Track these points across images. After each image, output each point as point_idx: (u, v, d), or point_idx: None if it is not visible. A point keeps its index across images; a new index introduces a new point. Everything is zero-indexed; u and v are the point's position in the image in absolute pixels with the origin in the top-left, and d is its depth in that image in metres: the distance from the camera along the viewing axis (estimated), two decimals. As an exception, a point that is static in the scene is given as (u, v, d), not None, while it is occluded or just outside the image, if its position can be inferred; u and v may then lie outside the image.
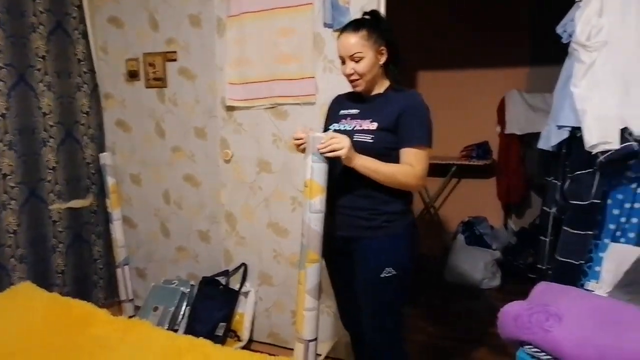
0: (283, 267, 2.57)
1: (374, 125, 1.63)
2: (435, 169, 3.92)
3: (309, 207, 1.61)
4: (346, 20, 2.09)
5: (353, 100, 1.76)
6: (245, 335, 2.61)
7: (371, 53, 1.61)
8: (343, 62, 1.67)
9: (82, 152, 2.93)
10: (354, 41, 1.60)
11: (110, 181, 2.91)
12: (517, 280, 3.36)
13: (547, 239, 2.06)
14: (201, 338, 1.87)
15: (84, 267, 3.01)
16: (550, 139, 1.92)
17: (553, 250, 2.01)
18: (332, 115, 1.80)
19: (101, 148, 3.02)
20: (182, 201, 2.86)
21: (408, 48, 3.86)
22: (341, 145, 1.52)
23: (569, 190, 1.87)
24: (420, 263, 3.95)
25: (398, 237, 1.67)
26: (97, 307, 2.08)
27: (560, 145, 1.91)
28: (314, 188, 1.59)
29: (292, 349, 2.56)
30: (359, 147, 1.60)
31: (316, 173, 1.58)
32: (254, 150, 2.53)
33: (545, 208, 2.07)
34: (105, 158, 2.91)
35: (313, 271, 1.68)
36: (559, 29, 1.88)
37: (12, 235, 2.55)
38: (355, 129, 1.66)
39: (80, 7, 2.82)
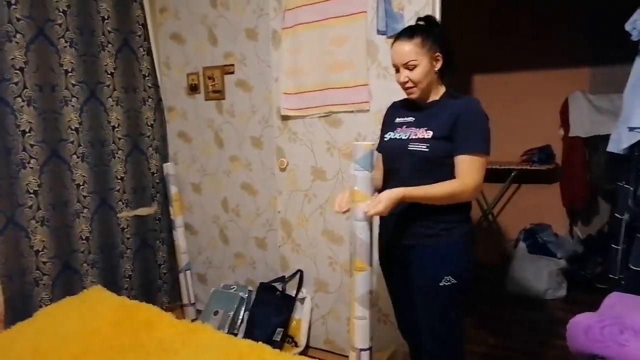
0: (338, 274, 2.57)
1: (429, 134, 1.60)
2: (494, 175, 3.81)
3: (354, 215, 1.61)
4: (400, 26, 2.08)
5: (409, 108, 1.74)
6: (302, 341, 2.64)
7: (426, 60, 1.58)
8: (397, 70, 1.65)
9: (147, 162, 3.09)
10: (408, 49, 1.58)
11: (173, 190, 3.05)
12: (584, 290, 3.17)
13: (620, 247, 1.94)
14: (260, 342, 1.91)
15: (149, 272, 3.15)
16: (621, 142, 1.82)
17: (626, 259, 1.90)
18: (389, 123, 1.79)
19: (165, 158, 3.17)
20: (239, 209, 2.94)
21: (464, 51, 3.84)
22: (380, 206, 1.50)
23: (642, 195, 1.77)
24: (478, 272, 3.85)
25: (456, 244, 1.64)
26: (162, 311, 2.17)
27: (632, 148, 1.80)
28: (358, 196, 1.59)
29: (347, 357, 2.57)
30: (415, 156, 1.59)
31: (360, 182, 1.58)
32: (308, 158, 2.56)
33: (617, 215, 1.96)
34: (168, 168, 3.05)
35: (362, 279, 1.68)
36: (627, 26, 1.78)
37: (84, 241, 2.72)
38: (410, 137, 1.65)
39: (144, 25, 2.99)
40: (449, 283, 1.60)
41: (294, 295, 2.67)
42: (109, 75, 2.81)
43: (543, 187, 3.81)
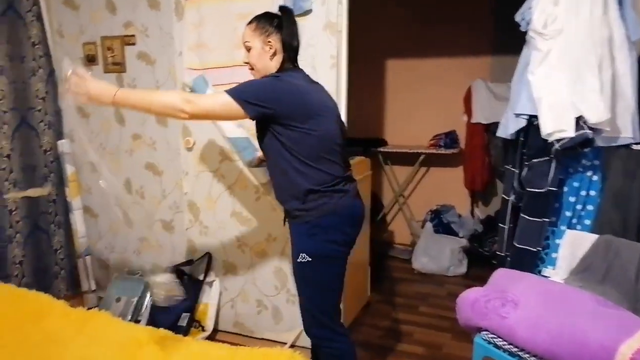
0: (248, 256, 2.54)
1: None
2: (405, 158, 3.96)
3: None
4: (307, 5, 2.05)
5: None
6: (209, 325, 2.58)
7: (258, 44, 1.67)
8: None
9: (38, 139, 2.82)
10: (245, 31, 1.69)
11: (69, 170, 2.82)
12: (483, 267, 3.41)
13: (506, 227, 2.09)
14: (162, 329, 1.84)
15: (43, 257, 2.91)
16: (508, 127, 1.94)
17: (512, 237, 2.04)
18: None
19: (59, 135, 2.92)
20: (144, 190, 2.79)
21: (376, 34, 3.93)
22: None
23: (525, 177, 1.90)
24: (388, 251, 4.01)
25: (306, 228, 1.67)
26: (55, 299, 2.01)
27: (518, 133, 1.93)
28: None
29: (257, 338, 2.56)
30: None
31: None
32: (216, 137, 2.47)
33: (504, 196, 2.09)
34: (63, 145, 2.81)
35: None
36: (517, 17, 1.88)
37: (-37, 225, 2.45)
38: None
39: (32, -13, 2.70)
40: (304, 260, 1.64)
41: (201, 279, 2.60)
42: (-11, 42, 2.51)
43: (448, 170, 4.01)
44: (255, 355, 1.66)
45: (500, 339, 1.65)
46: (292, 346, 2.41)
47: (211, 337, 2.56)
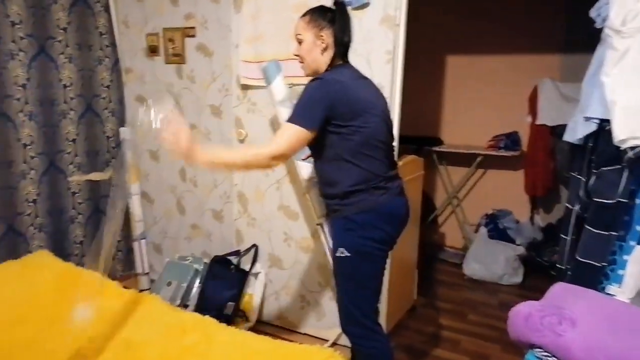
0: (293, 250, 2.53)
1: None
2: (461, 158, 3.81)
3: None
4: (366, -1, 1.99)
5: None
6: (253, 316, 2.61)
7: (310, 37, 1.64)
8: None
9: (102, 125, 2.96)
10: (297, 24, 1.68)
11: (129, 156, 2.93)
12: (540, 278, 3.22)
13: (568, 238, 1.94)
14: (207, 317, 1.87)
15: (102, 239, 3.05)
16: (576, 131, 1.79)
17: (574, 249, 1.90)
18: None
19: (122, 123, 3.05)
20: (197, 179, 2.85)
21: (437, 30, 3.79)
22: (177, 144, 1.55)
23: (593, 187, 1.75)
24: (437, 254, 3.89)
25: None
26: (109, 279, 2.09)
27: (587, 138, 1.78)
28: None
29: (300, 333, 2.56)
30: None
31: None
32: (267, 131, 2.48)
33: (567, 205, 1.94)
34: (125, 132, 2.92)
35: None
36: (592, 13, 1.73)
37: (31, 204, 2.61)
38: None
39: (101, -22, 2.82)
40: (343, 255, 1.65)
41: (247, 270, 2.63)
42: (61, 30, 2.64)
43: (508, 174, 3.82)
44: (295, 352, 1.66)
45: (554, 358, 1.54)
46: (334, 344, 2.39)
47: (254, 328, 2.58)
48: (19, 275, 2.09)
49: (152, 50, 2.84)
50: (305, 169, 2.04)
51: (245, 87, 2.49)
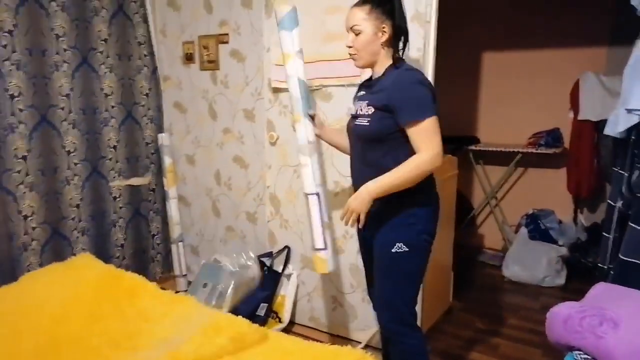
0: (326, 251, 2.53)
1: (370, 109, 1.61)
2: (498, 157, 3.70)
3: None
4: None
5: (365, 82, 1.77)
6: (286, 317, 2.62)
7: (370, 29, 1.58)
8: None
9: (141, 132, 3.06)
10: (355, 14, 1.60)
11: (167, 161, 3.03)
12: (585, 280, 3.08)
13: (611, 236, 1.85)
14: (241, 317, 1.90)
15: (142, 242, 3.16)
16: (618, 124, 1.72)
17: (617, 248, 1.81)
18: (354, 97, 1.81)
19: (160, 129, 3.14)
20: (231, 182, 2.91)
21: (472, 26, 3.71)
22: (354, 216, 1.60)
23: (636, 182, 1.66)
24: (476, 256, 3.79)
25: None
26: (147, 281, 2.16)
27: (629, 131, 1.69)
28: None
29: (332, 334, 2.55)
30: (360, 131, 1.63)
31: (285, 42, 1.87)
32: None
33: (610, 201, 1.86)
34: (163, 138, 3.02)
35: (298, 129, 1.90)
36: (634, 1, 1.65)
37: (75, 208, 2.73)
38: (357, 113, 1.67)
39: (140, -9, 2.92)
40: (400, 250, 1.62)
41: (280, 272, 2.65)
42: (102, 42, 2.76)
43: (549, 172, 3.68)
44: (326, 353, 1.66)
45: (595, 362, 1.47)
46: (366, 346, 2.37)
47: (287, 329, 2.60)
48: (64, 276, 2.18)
49: (188, 58, 2.93)
50: (309, 128, 1.91)
51: (276, 90, 2.52)
